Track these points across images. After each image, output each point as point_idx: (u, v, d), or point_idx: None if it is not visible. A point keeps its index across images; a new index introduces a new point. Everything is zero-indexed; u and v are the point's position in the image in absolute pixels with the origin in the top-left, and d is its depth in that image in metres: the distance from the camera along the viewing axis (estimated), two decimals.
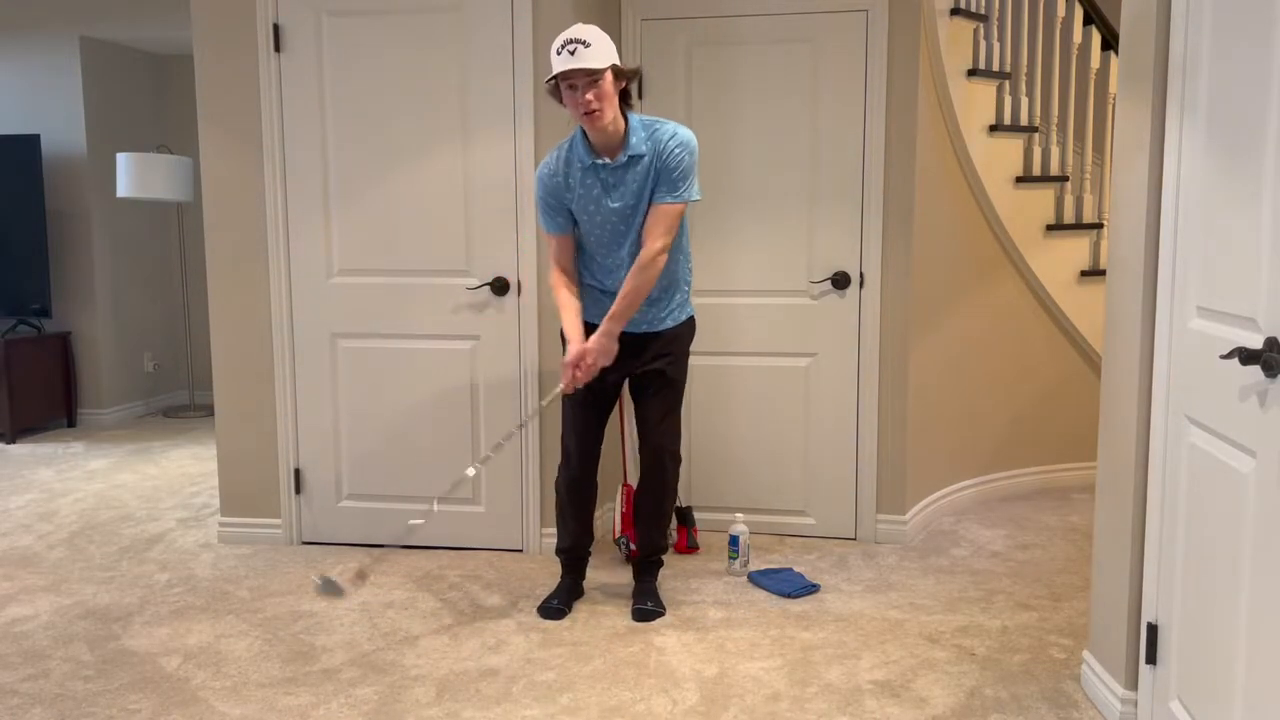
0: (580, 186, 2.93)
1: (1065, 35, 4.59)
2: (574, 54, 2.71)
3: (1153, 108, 2.28)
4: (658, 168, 2.88)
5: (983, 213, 4.22)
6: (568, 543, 3.20)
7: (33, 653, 2.91)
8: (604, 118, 2.79)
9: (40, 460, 5.25)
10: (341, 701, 2.60)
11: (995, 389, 4.40)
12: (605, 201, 2.91)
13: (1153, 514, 2.30)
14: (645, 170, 2.89)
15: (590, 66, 2.72)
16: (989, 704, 2.57)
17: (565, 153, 2.95)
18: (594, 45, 2.73)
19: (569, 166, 2.94)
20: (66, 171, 5.96)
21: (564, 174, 2.94)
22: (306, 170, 3.69)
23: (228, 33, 3.67)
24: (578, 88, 2.76)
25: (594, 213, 2.93)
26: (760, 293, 3.84)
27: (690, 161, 2.90)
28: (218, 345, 3.82)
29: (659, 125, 2.92)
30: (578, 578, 3.26)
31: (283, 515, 3.84)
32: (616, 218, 2.93)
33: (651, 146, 2.89)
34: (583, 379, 2.94)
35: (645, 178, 2.90)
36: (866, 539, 3.87)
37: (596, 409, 3.09)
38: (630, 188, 2.90)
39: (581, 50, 2.71)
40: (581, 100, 2.76)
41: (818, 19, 3.69)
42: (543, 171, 2.98)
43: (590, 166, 2.90)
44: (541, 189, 2.97)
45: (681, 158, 2.88)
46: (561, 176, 2.94)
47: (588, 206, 2.93)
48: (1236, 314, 1.89)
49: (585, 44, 2.72)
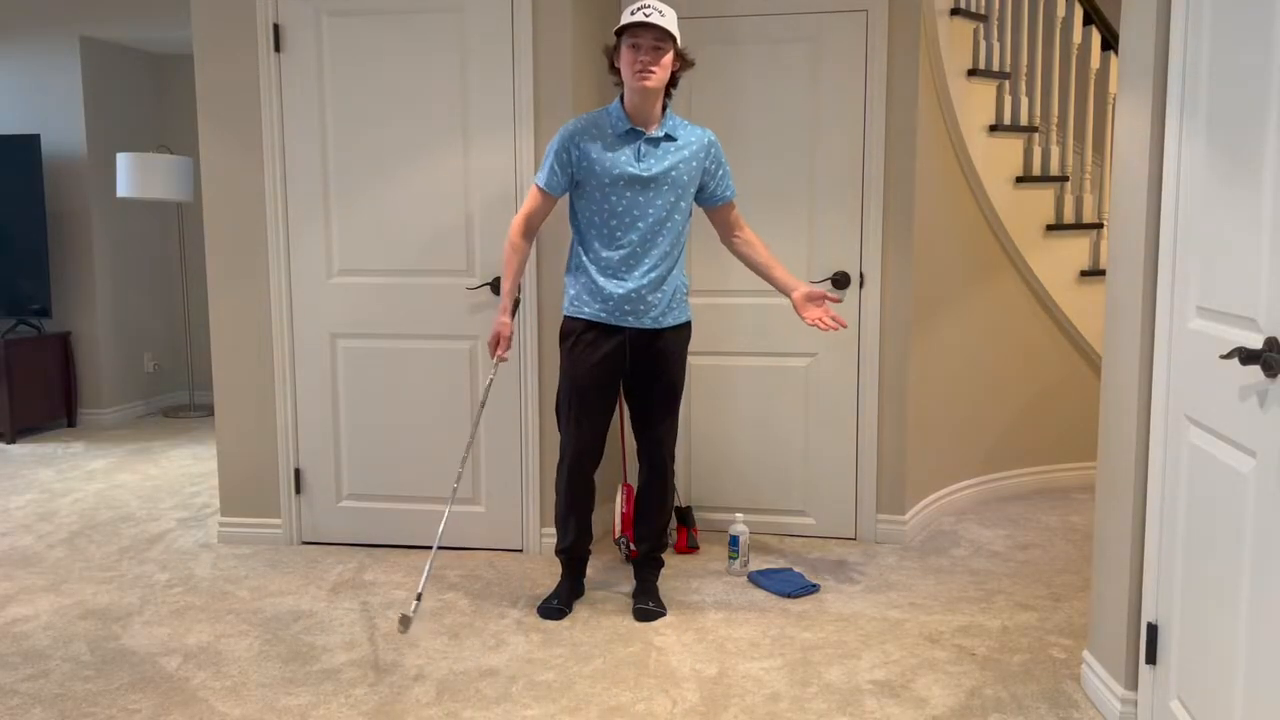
0: (610, 150, 2.96)
1: (1065, 35, 4.59)
2: (648, 15, 2.82)
3: (1153, 108, 2.28)
4: (709, 167, 3.04)
5: (983, 213, 4.22)
6: (567, 542, 3.19)
7: (33, 653, 2.91)
8: (655, 81, 2.88)
9: (40, 460, 5.25)
10: (341, 701, 2.60)
11: (995, 389, 4.40)
12: (631, 168, 2.94)
13: (1153, 514, 2.30)
14: (685, 156, 2.99)
15: (664, 27, 2.83)
16: (989, 704, 2.57)
17: (598, 116, 3.01)
18: (668, 16, 2.87)
19: (600, 129, 2.98)
20: (66, 171, 5.96)
21: (594, 134, 2.98)
22: (306, 170, 3.69)
23: (228, 33, 3.67)
24: (641, 47, 2.86)
25: (617, 177, 2.94)
26: (760, 293, 3.84)
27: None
28: (218, 345, 3.82)
29: (688, 123, 3.06)
30: (578, 577, 3.25)
31: (283, 515, 3.84)
32: (640, 185, 2.94)
33: (694, 138, 3.02)
34: (503, 355, 3.06)
35: (683, 162, 2.98)
36: (866, 539, 3.87)
37: (599, 407, 3.07)
38: (661, 163, 2.96)
39: (657, 16, 2.84)
40: (640, 59, 2.85)
41: (818, 19, 3.69)
42: (572, 125, 3.01)
43: (625, 133, 2.96)
44: (561, 140, 3.00)
45: (723, 150, 3.13)
46: (590, 135, 2.97)
47: (611, 170, 2.94)
48: (1236, 314, 1.89)
49: (661, 12, 2.86)
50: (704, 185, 3.06)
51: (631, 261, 2.97)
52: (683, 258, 3.08)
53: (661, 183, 2.95)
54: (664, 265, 2.99)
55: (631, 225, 2.96)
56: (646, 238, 2.96)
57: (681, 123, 3.03)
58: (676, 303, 3.06)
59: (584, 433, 3.07)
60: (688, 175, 2.99)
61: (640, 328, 3.01)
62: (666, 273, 3.01)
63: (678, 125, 3.01)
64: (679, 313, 3.08)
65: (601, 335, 3.01)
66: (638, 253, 2.96)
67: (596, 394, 3.05)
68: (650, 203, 2.95)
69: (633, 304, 2.98)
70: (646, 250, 2.97)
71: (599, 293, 2.99)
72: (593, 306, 3.01)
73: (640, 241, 2.96)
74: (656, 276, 2.98)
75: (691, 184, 3.02)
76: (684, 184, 2.99)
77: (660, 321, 3.03)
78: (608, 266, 2.98)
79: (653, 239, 2.97)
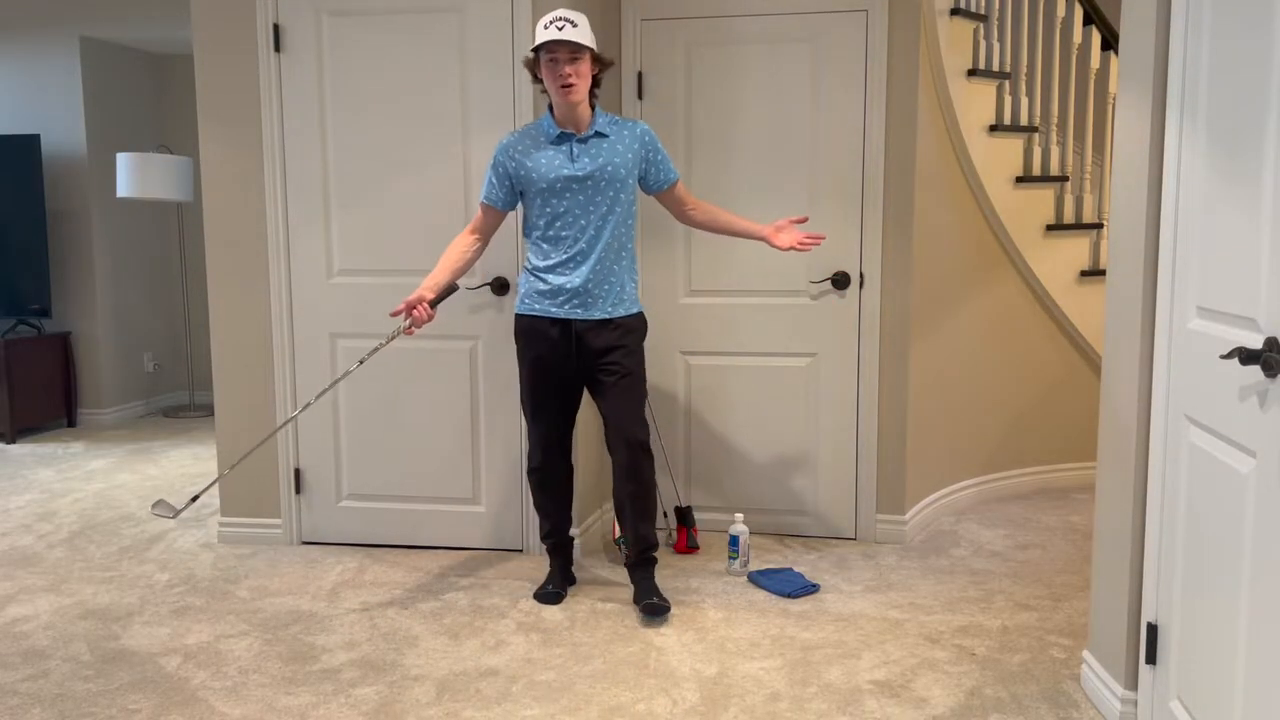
0: (544, 156, 3.05)
1: (1065, 35, 4.59)
2: (561, 29, 2.91)
3: (1153, 108, 2.28)
4: (648, 156, 3.14)
5: (983, 213, 4.22)
6: (547, 528, 3.30)
7: (33, 653, 2.91)
8: (578, 93, 2.99)
9: (40, 460, 5.25)
10: (341, 701, 2.60)
11: (995, 389, 4.40)
12: (566, 169, 3.04)
13: (1153, 514, 2.30)
14: (619, 150, 3.07)
15: (576, 41, 2.92)
16: (989, 704, 2.57)
17: (531, 127, 3.12)
18: (580, 27, 2.96)
19: (534, 139, 3.09)
20: (66, 171, 5.96)
21: (528, 145, 3.08)
22: (306, 170, 3.69)
23: (228, 33, 3.67)
24: (559, 61, 2.95)
25: (554, 180, 3.04)
26: (760, 293, 3.84)
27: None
28: (218, 345, 3.82)
29: (620, 119, 3.15)
30: (566, 561, 3.33)
31: (283, 515, 3.84)
32: (577, 184, 3.04)
33: (625, 131, 3.11)
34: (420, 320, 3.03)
35: (618, 157, 3.07)
36: (866, 539, 3.87)
37: (559, 403, 3.16)
38: (596, 160, 3.04)
39: (569, 28, 2.94)
40: (561, 73, 2.95)
41: (818, 19, 3.69)
42: (506, 139, 3.12)
43: (557, 138, 3.06)
44: (496, 155, 3.12)
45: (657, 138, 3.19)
46: (524, 147, 3.08)
47: (548, 175, 3.04)
48: (1236, 314, 1.89)
49: (573, 24, 2.95)
50: (646, 175, 3.16)
51: (579, 257, 3.06)
52: (631, 250, 3.15)
53: (599, 179, 3.05)
54: (609, 259, 3.08)
55: (575, 224, 3.06)
56: (590, 235, 3.06)
57: (612, 119, 3.13)
58: (627, 295, 3.14)
59: (543, 426, 3.18)
60: (624, 169, 3.08)
61: (589, 319, 3.08)
62: (613, 265, 3.09)
63: (608, 122, 3.10)
64: (632, 304, 3.15)
65: (552, 329, 3.09)
66: (584, 249, 3.06)
67: (546, 388, 3.14)
68: (590, 200, 3.05)
69: (580, 297, 3.06)
70: (592, 246, 3.06)
71: (548, 289, 3.08)
72: (542, 303, 3.10)
73: (585, 239, 3.06)
74: (604, 270, 3.07)
75: (629, 177, 3.10)
76: (621, 178, 3.07)
77: (611, 312, 3.10)
78: (557, 265, 3.08)
79: (597, 235, 3.06)
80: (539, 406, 3.16)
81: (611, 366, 3.09)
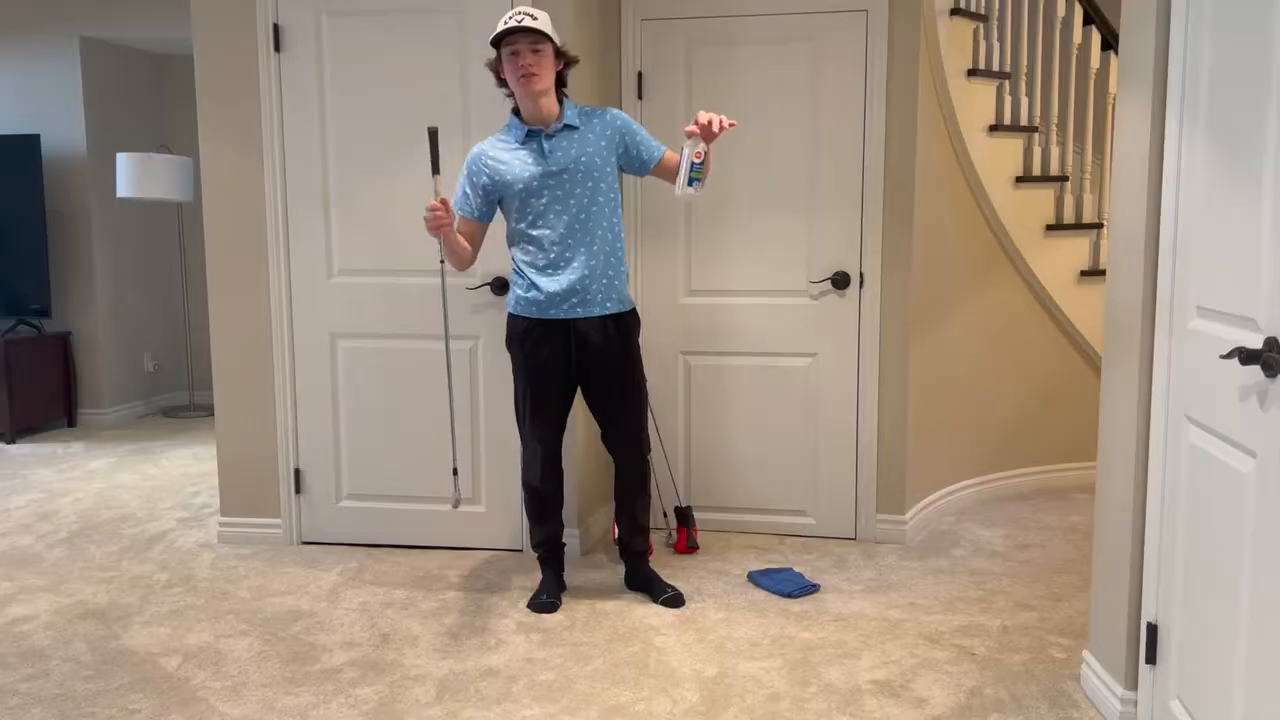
0: (515, 158, 3.02)
1: (1065, 35, 4.59)
2: (521, 21, 2.90)
3: (1153, 107, 2.28)
4: (626, 140, 3.07)
5: (983, 213, 4.22)
6: (540, 537, 3.26)
7: (33, 653, 2.91)
8: (540, 82, 2.93)
9: (40, 460, 5.25)
10: (341, 701, 2.60)
11: (995, 389, 4.40)
12: (539, 166, 3.00)
13: (1153, 514, 2.30)
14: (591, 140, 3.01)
15: (535, 28, 2.88)
16: (989, 704, 2.57)
17: (500, 133, 3.10)
18: (540, 20, 2.92)
19: (504, 143, 3.06)
20: (66, 171, 5.96)
21: (499, 150, 3.05)
22: (306, 170, 3.69)
23: (228, 33, 3.67)
24: (520, 52, 2.91)
25: (529, 180, 3.00)
26: (760, 292, 3.84)
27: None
28: (218, 345, 3.82)
29: (590, 109, 3.11)
30: (558, 568, 3.31)
31: (283, 515, 3.84)
32: (553, 180, 2.99)
33: (595, 120, 3.05)
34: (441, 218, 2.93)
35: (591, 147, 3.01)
36: (866, 539, 3.87)
37: (552, 405, 3.13)
38: (568, 153, 3.00)
39: (530, 20, 2.90)
40: (522, 64, 2.91)
41: (818, 19, 3.69)
42: (476, 148, 3.11)
43: (526, 137, 3.03)
44: (467, 164, 3.10)
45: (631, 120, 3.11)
46: (495, 153, 3.05)
47: (522, 175, 3.00)
48: (1236, 314, 1.89)
49: (533, 17, 2.91)
50: (632, 158, 3.10)
51: (568, 255, 3.01)
52: (620, 245, 3.09)
53: (574, 172, 3.00)
54: (599, 255, 3.03)
55: (556, 221, 3.01)
56: (575, 230, 3.01)
57: (582, 110, 3.08)
58: (617, 291, 3.09)
59: (538, 431, 3.14)
60: (599, 159, 3.02)
61: (582, 318, 3.04)
62: (603, 261, 3.04)
63: (577, 114, 3.05)
64: (622, 301, 3.11)
65: (546, 331, 3.06)
66: (570, 245, 3.01)
67: (548, 391, 3.10)
68: (569, 194, 3.00)
69: (570, 297, 3.02)
70: (579, 242, 3.01)
71: (539, 291, 3.04)
72: (534, 306, 3.05)
73: (569, 235, 3.01)
74: (594, 266, 3.02)
75: (606, 166, 3.05)
76: (598, 167, 3.02)
77: (610, 309, 3.07)
78: (545, 265, 3.03)
79: (582, 231, 3.01)
80: (538, 413, 3.12)
81: (605, 366, 3.08)
